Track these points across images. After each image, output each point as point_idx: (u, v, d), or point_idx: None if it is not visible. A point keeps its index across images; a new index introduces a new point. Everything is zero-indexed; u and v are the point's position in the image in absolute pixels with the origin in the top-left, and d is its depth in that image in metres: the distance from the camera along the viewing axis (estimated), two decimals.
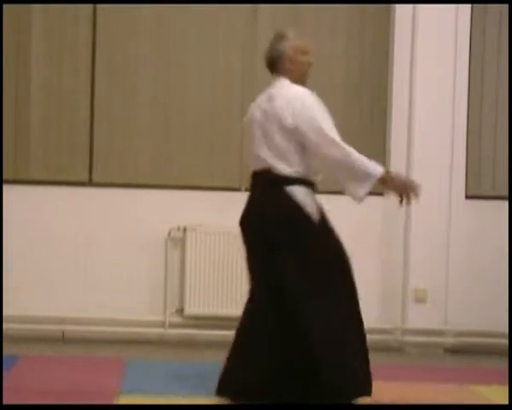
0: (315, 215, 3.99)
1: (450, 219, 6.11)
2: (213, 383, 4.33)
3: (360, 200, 3.97)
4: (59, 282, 6.04)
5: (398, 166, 6.07)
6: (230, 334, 5.66)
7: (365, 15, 6.29)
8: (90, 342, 5.90)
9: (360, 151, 6.09)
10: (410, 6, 6.16)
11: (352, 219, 5.97)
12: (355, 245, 5.72)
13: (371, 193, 6.13)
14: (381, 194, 5.72)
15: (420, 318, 6.05)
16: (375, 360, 5.63)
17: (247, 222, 4.11)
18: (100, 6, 6.10)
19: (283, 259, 3.96)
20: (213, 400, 4.18)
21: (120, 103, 6.20)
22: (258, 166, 4.07)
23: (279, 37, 4.21)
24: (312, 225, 3.99)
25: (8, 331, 5.77)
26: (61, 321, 5.94)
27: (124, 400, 4.27)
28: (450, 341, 6.08)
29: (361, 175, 3.91)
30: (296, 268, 3.97)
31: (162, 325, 6.01)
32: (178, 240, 6.00)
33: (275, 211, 3.97)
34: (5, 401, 4.10)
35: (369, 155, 6.08)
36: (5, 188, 5.88)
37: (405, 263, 6.11)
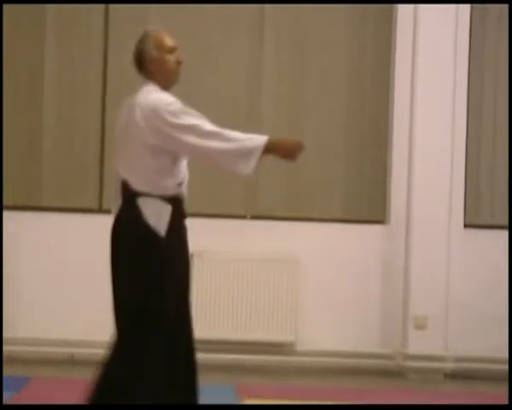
0: (162, 233, 3.74)
1: (450, 248, 6.15)
2: (216, 404, 4.54)
3: (247, 175, 3.76)
4: (69, 306, 6.06)
5: (398, 193, 6.23)
6: (238, 357, 6.18)
7: (366, 35, 6.30)
8: (99, 364, 5.89)
9: (360, 176, 6.39)
10: (410, 25, 6.12)
11: (354, 248, 6.22)
12: (357, 272, 6.20)
13: (372, 222, 6.37)
14: (381, 222, 6.28)
15: (420, 343, 6.06)
16: (376, 383, 5.96)
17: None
18: (112, 36, 6.11)
19: (117, 275, 3.80)
20: None
21: None
22: (119, 177, 3.85)
23: (142, 36, 3.89)
24: (152, 240, 3.75)
25: (20, 354, 5.87)
26: (70, 344, 5.98)
27: None
28: (449, 366, 6.11)
29: (244, 153, 3.70)
30: (123, 286, 3.76)
31: None
32: None
33: (119, 227, 3.80)
34: None
35: (369, 182, 6.40)
36: (18, 214, 5.96)
37: (406, 290, 6.15)
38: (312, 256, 6.18)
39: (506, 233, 6.19)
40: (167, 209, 3.74)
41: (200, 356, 5.47)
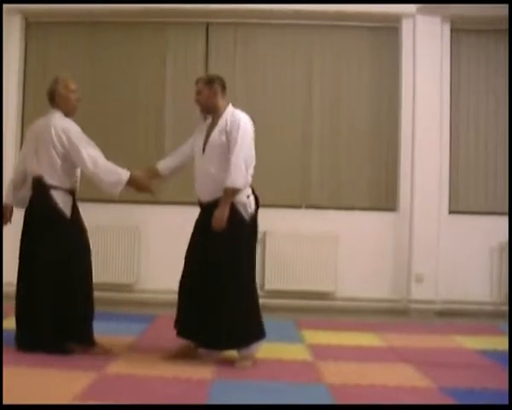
0: (67, 214, 4.30)
1: (439, 227, 6.80)
2: (283, 334, 5.16)
3: (116, 194, 4.26)
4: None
5: (404, 191, 6.80)
6: (297, 302, 6.53)
7: (382, 88, 6.90)
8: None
9: (379, 179, 6.70)
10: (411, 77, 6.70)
11: (375, 227, 6.86)
12: (377, 244, 6.80)
13: (387, 209, 6.70)
14: (393, 210, 6.84)
15: (419, 292, 6.71)
16: (389, 319, 6.27)
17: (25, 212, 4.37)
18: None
19: (34, 236, 4.28)
20: (281, 344, 4.69)
21: None
22: (32, 174, 4.28)
23: (54, 78, 4.33)
24: (62, 220, 4.25)
25: (151, 299, 6.64)
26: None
27: None
28: (438, 307, 6.73)
29: (116, 181, 4.22)
30: (41, 245, 4.26)
31: None
32: (261, 240, 6.68)
33: (37, 209, 4.28)
34: (147, 340, 4.62)
35: (385, 183, 6.74)
36: (146, 207, 6.66)
37: (409, 256, 6.80)
38: (347, 233, 6.80)
39: (475, 216, 6.86)
40: (70, 199, 4.32)
41: (271, 301, 6.39)
